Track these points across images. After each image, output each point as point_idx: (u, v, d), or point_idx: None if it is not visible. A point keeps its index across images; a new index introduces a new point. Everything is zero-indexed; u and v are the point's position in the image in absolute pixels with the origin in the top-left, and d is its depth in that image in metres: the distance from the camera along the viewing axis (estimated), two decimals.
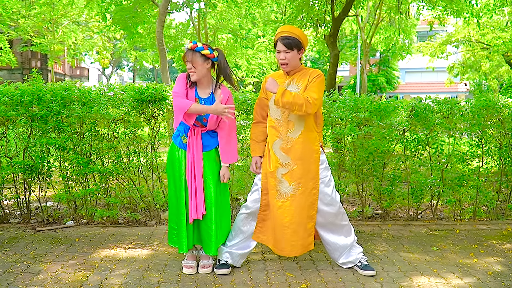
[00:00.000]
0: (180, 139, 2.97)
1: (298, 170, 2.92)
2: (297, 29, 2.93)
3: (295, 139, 2.92)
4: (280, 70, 3.08)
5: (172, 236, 2.99)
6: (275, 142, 2.96)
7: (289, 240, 2.91)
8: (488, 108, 4.10)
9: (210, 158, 2.97)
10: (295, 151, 2.92)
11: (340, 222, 3.01)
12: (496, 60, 15.76)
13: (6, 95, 3.89)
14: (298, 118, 2.91)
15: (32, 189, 4.21)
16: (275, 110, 2.97)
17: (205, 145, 2.96)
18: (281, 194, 2.93)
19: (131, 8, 10.14)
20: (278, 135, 2.95)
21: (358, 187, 4.31)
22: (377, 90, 28.14)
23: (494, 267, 3.12)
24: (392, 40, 14.83)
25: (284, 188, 2.93)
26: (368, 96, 4.17)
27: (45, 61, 22.83)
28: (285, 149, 2.93)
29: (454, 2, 9.06)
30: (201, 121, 2.93)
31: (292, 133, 2.93)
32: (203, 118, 2.92)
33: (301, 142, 2.92)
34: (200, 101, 2.93)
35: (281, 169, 2.94)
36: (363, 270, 2.97)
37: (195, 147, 2.91)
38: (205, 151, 2.96)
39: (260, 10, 12.51)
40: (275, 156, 2.95)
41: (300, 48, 2.89)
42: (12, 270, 2.98)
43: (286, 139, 2.93)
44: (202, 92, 2.97)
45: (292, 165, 2.92)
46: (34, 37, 16.34)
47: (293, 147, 2.92)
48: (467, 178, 4.17)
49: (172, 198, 2.99)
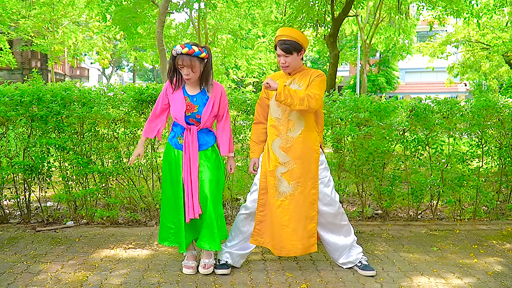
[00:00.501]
0: (176, 140, 2.96)
1: (297, 169, 2.92)
2: (295, 31, 2.91)
3: (295, 138, 2.92)
4: (281, 71, 3.09)
5: (168, 235, 2.99)
6: (274, 141, 2.97)
7: (288, 239, 2.91)
8: (488, 108, 4.10)
9: (207, 157, 2.96)
10: (294, 150, 2.92)
11: (339, 222, 3.01)
12: (496, 60, 15.76)
13: (6, 95, 3.89)
14: (299, 118, 2.91)
15: (32, 189, 4.21)
16: (276, 109, 2.97)
17: (201, 144, 2.95)
18: (280, 193, 2.94)
19: (131, 8, 10.12)
20: (278, 134, 2.95)
21: (358, 187, 4.31)
22: (377, 90, 28.13)
23: (494, 267, 3.12)
24: (392, 40, 14.83)
25: (283, 187, 2.93)
26: (368, 96, 4.17)
27: (45, 61, 22.84)
28: (284, 148, 2.93)
29: (454, 2, 9.06)
30: (194, 117, 2.92)
31: (292, 132, 2.93)
32: (196, 114, 2.91)
33: (301, 141, 2.92)
34: (190, 98, 2.91)
35: (281, 168, 2.94)
36: (363, 270, 2.97)
37: (191, 147, 2.90)
38: (202, 149, 2.95)
39: (259, 10, 12.51)
40: (275, 155, 2.95)
41: (300, 50, 2.89)
42: (12, 270, 2.98)
43: (286, 138, 2.93)
44: (190, 89, 2.95)
45: (292, 164, 2.92)
46: (34, 37, 16.34)
47: (293, 146, 2.92)
48: (467, 178, 4.17)
49: (169, 198, 2.98)
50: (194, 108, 2.91)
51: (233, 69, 20.11)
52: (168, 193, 2.99)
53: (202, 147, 2.95)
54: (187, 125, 2.91)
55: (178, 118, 2.90)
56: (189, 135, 2.91)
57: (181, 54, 2.80)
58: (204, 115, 2.90)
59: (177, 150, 2.96)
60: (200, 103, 2.92)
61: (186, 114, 2.90)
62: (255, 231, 3.03)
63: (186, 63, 2.81)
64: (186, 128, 2.91)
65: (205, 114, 2.91)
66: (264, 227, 3.01)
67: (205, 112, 2.90)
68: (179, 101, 2.91)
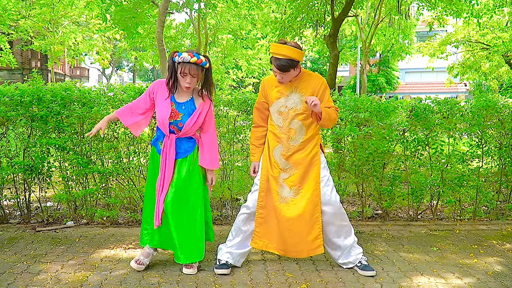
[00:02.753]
0: (158, 144, 2.96)
1: (298, 174, 2.93)
2: (289, 49, 2.74)
3: (296, 146, 2.93)
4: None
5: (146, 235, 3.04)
6: (276, 148, 2.97)
7: (295, 243, 2.93)
8: (488, 108, 4.10)
9: (183, 165, 2.91)
10: (295, 158, 2.93)
11: (340, 223, 3.01)
12: (496, 61, 15.75)
13: (6, 95, 3.89)
14: (300, 127, 2.92)
15: (32, 189, 4.21)
16: (277, 116, 2.97)
17: (179, 152, 2.91)
18: (282, 198, 2.95)
19: (131, 8, 10.13)
20: (279, 141, 2.96)
21: (358, 187, 4.31)
22: (377, 91, 28.14)
23: (494, 267, 3.12)
24: (391, 40, 14.83)
25: (285, 193, 2.95)
26: (368, 96, 4.17)
27: (45, 61, 22.84)
28: (285, 156, 2.94)
29: (454, 3, 9.06)
30: (176, 126, 2.88)
31: (293, 141, 2.93)
32: (179, 122, 2.87)
33: (301, 149, 2.93)
34: (176, 105, 2.87)
35: (283, 174, 2.96)
36: (363, 270, 2.97)
37: (167, 155, 2.87)
38: (179, 158, 2.91)
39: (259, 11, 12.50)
40: (276, 162, 2.96)
41: (296, 66, 2.82)
42: (12, 270, 2.98)
43: (287, 146, 2.93)
44: (179, 96, 2.90)
45: (293, 170, 2.94)
46: (34, 37, 16.34)
47: (294, 154, 2.93)
48: (467, 178, 4.18)
49: (150, 198, 3.00)
50: (178, 116, 2.86)
51: (233, 69, 20.11)
52: (150, 194, 3.00)
53: (180, 155, 2.91)
54: (168, 132, 2.88)
55: (161, 122, 2.86)
56: (167, 142, 2.88)
57: (188, 62, 2.75)
58: (187, 124, 2.86)
59: (158, 154, 2.95)
60: (186, 112, 2.87)
61: (169, 121, 2.86)
62: (255, 234, 3.03)
63: (193, 72, 2.76)
64: (166, 135, 2.89)
65: (189, 124, 2.86)
66: (265, 229, 3.00)
67: (189, 122, 2.86)
68: (165, 106, 2.85)
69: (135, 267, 2.97)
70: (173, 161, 2.89)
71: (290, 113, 2.91)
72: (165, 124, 2.85)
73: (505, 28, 12.46)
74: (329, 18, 8.32)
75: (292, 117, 2.91)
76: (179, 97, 2.90)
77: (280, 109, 2.94)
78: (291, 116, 2.91)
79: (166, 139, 2.89)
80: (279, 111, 2.95)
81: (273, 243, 2.99)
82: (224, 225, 4.08)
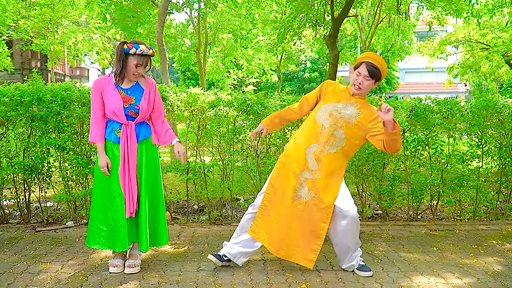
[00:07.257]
0: (114, 134, 2.92)
1: (320, 180, 2.90)
2: (383, 61, 2.90)
3: (330, 153, 2.92)
4: (342, 85, 3.07)
5: (100, 238, 2.95)
6: (311, 145, 2.94)
7: (289, 244, 2.92)
8: (488, 108, 4.10)
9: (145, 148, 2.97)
10: (325, 163, 2.91)
11: (353, 229, 2.96)
12: (496, 61, 15.74)
13: (6, 95, 3.89)
14: (341, 139, 2.91)
15: (32, 190, 4.21)
16: (327, 117, 2.95)
17: (139, 134, 2.96)
18: (297, 197, 2.93)
19: (131, 8, 10.14)
20: (317, 141, 2.94)
21: (358, 187, 4.32)
22: (376, 90, 28.12)
23: (494, 267, 3.12)
24: (391, 40, 14.83)
25: (302, 192, 2.93)
26: (368, 96, 4.16)
27: (45, 61, 22.82)
28: (317, 157, 2.92)
29: (454, 2, 9.06)
30: (133, 109, 2.92)
31: (329, 147, 2.92)
32: (135, 104, 2.91)
33: (334, 157, 2.92)
34: (124, 91, 2.91)
35: (306, 173, 2.93)
36: (360, 270, 2.97)
37: (129, 141, 2.90)
38: (140, 140, 2.96)
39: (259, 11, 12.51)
40: (305, 159, 2.94)
41: (379, 79, 2.90)
42: (12, 270, 2.98)
43: (322, 148, 2.92)
44: (125, 84, 2.94)
45: (317, 174, 2.91)
46: (34, 37, 16.33)
47: (326, 158, 2.91)
48: (467, 178, 4.18)
49: (104, 198, 2.94)
50: (131, 100, 2.92)
51: (233, 69, 20.10)
52: (103, 194, 2.94)
53: (140, 138, 2.96)
54: (126, 119, 2.90)
55: (117, 111, 2.87)
56: (126, 129, 2.91)
57: (146, 55, 2.86)
58: (142, 104, 2.91)
59: (115, 143, 2.92)
60: (135, 94, 2.93)
61: (124, 106, 2.89)
62: (254, 223, 3.02)
63: (147, 63, 2.88)
64: (124, 124, 2.90)
65: (143, 104, 2.92)
66: (265, 222, 2.99)
67: (143, 102, 2.92)
68: (114, 95, 2.88)
69: (112, 271, 2.95)
70: (136, 147, 2.92)
71: (340, 121, 2.91)
72: (121, 111, 2.88)
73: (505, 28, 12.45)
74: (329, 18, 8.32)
75: (340, 125, 2.90)
76: (124, 85, 2.94)
77: (334, 112, 2.94)
78: (340, 124, 2.90)
79: (124, 127, 2.91)
80: (331, 112, 2.94)
81: (268, 238, 2.98)
82: (224, 225, 4.08)
